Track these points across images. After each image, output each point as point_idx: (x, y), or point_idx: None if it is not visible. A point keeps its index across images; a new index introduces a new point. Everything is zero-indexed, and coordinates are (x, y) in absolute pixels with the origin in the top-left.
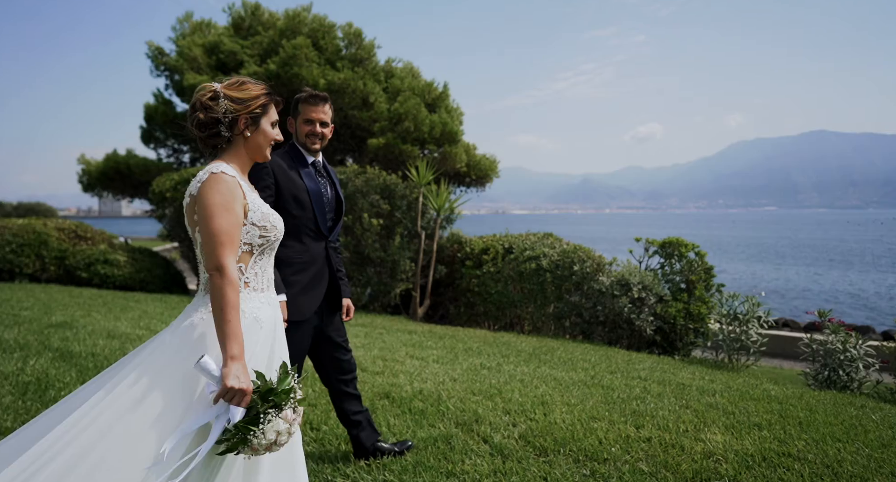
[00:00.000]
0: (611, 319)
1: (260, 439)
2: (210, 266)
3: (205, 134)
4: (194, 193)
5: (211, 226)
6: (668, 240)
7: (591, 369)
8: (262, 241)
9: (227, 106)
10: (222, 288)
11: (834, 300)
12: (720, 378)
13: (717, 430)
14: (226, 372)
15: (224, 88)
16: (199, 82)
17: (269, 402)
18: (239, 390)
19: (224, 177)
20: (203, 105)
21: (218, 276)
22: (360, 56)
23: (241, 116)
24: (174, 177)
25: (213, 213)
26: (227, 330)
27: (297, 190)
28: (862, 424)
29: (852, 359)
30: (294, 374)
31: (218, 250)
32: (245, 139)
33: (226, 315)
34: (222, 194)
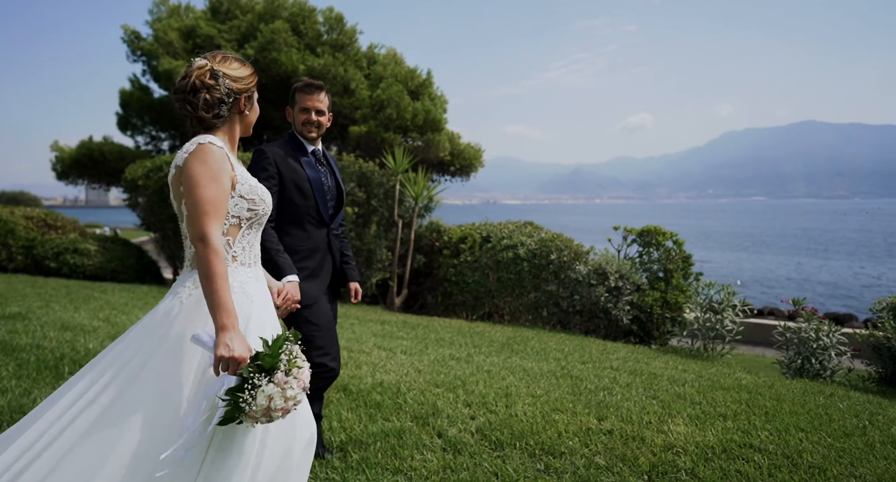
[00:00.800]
0: (588, 309)
1: (251, 405)
2: (194, 236)
3: (210, 115)
4: (180, 164)
5: (196, 194)
6: (647, 228)
7: (562, 359)
8: (251, 215)
9: (229, 85)
10: (207, 257)
11: (817, 289)
12: (693, 367)
13: (680, 421)
14: (217, 341)
15: (218, 65)
16: (175, 67)
17: (257, 367)
18: (230, 358)
19: (212, 147)
20: (205, 85)
21: (202, 246)
22: (342, 42)
23: (241, 96)
24: (147, 164)
25: (199, 182)
26: (216, 299)
27: (298, 178)
28: (827, 413)
29: (825, 347)
30: (290, 337)
31: (202, 219)
32: (241, 117)
33: (214, 284)
34: (209, 164)
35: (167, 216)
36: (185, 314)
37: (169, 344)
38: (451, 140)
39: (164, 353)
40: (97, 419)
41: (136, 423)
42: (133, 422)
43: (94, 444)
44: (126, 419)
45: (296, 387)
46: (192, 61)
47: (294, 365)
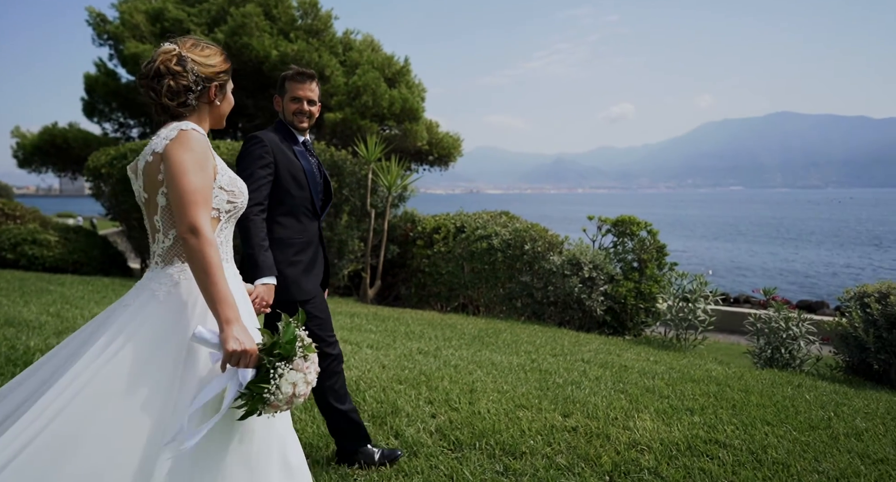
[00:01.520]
0: (562, 300)
1: (277, 395)
2: (183, 228)
3: (174, 103)
4: (159, 150)
5: (184, 183)
6: (621, 218)
7: (533, 352)
8: (230, 208)
9: (197, 72)
10: (201, 249)
11: (789, 277)
12: (665, 359)
13: (647, 416)
14: (224, 337)
15: (188, 51)
16: (142, 51)
17: (276, 356)
18: (242, 351)
19: (196, 134)
20: (171, 71)
21: (193, 238)
22: (316, 27)
23: (211, 85)
24: (111, 151)
25: (186, 169)
26: (216, 293)
27: (294, 168)
28: (794, 405)
29: (794, 337)
30: (297, 323)
31: (192, 209)
32: (211, 107)
33: (212, 277)
34: (195, 151)
35: (132, 205)
36: (171, 312)
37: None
38: (430, 129)
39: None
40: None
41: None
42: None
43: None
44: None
45: (314, 370)
46: (160, 45)
47: (309, 349)
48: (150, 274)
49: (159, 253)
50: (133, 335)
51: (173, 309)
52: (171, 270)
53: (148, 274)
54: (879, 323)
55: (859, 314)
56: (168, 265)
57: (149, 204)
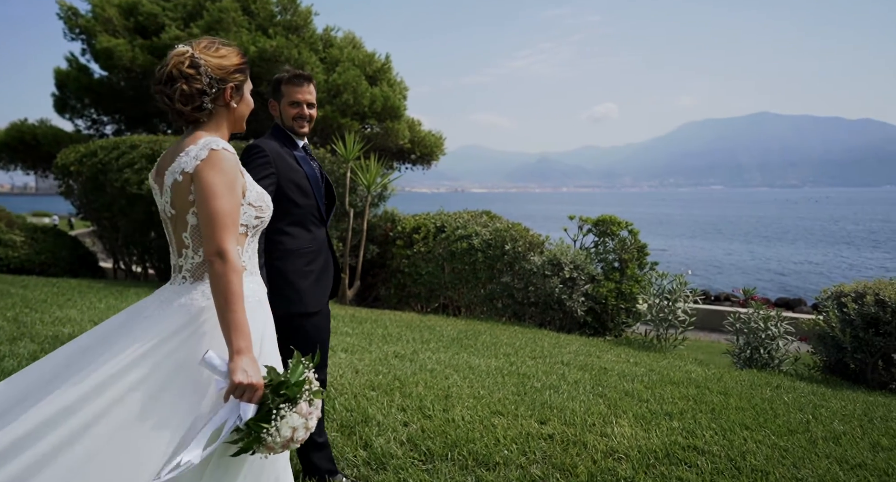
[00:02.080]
0: (542, 300)
1: (275, 437)
2: (210, 251)
3: (188, 108)
4: (189, 171)
5: (213, 207)
6: (602, 217)
7: (512, 355)
8: (257, 223)
9: (210, 74)
10: (226, 275)
11: (765, 275)
12: (645, 360)
13: (625, 422)
14: (233, 366)
15: (201, 52)
16: (115, 46)
17: (282, 397)
18: (248, 385)
19: (226, 154)
20: (183, 74)
21: (220, 263)
22: (296, 23)
23: (226, 87)
24: (80, 149)
25: (216, 193)
26: (233, 321)
27: (297, 176)
28: (772, 408)
29: (773, 337)
30: (308, 364)
31: (220, 234)
32: (229, 110)
33: (231, 305)
34: (225, 173)
35: (103, 204)
36: (199, 336)
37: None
38: (411, 127)
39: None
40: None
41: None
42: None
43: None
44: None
45: (315, 416)
46: (173, 48)
47: (316, 395)
48: (178, 288)
49: (188, 268)
50: (161, 354)
51: (205, 330)
52: (203, 285)
53: (174, 287)
54: (856, 323)
55: (836, 314)
56: (198, 281)
57: (177, 220)
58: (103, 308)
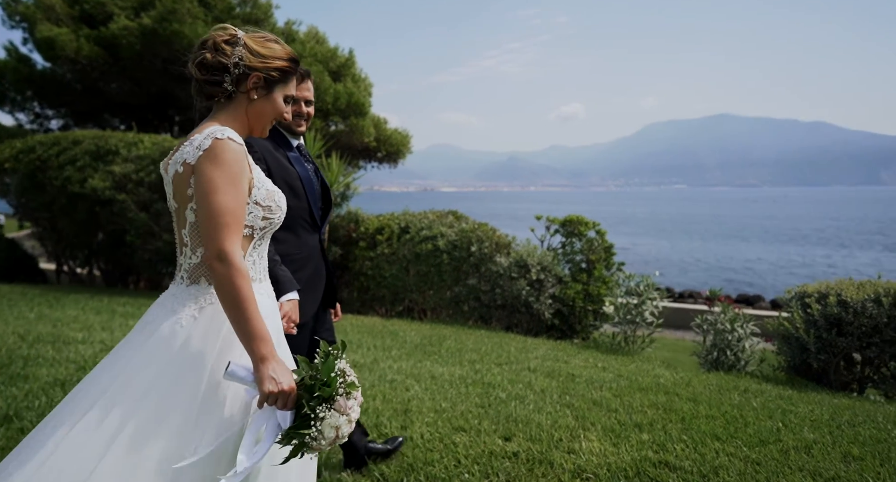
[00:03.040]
0: (509, 303)
1: (319, 440)
2: (211, 253)
3: (204, 77)
4: (191, 161)
5: (213, 203)
6: (569, 218)
7: (478, 362)
8: (265, 224)
9: (242, 54)
10: (231, 278)
11: (724, 274)
12: (613, 365)
13: (593, 436)
14: (260, 376)
15: (247, 37)
16: (57, 35)
17: (317, 399)
18: (280, 392)
19: (231, 144)
20: (215, 45)
21: (221, 265)
22: (256, 16)
23: (253, 73)
24: (16, 144)
25: (217, 187)
26: (249, 328)
27: (289, 177)
28: (742, 415)
29: (739, 338)
30: (336, 354)
31: (221, 233)
32: (249, 101)
33: (244, 311)
34: (228, 165)
35: (41, 204)
36: (194, 341)
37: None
38: (377, 125)
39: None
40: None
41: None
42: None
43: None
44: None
45: (356, 408)
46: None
47: (352, 386)
48: (174, 289)
49: (185, 268)
50: (148, 370)
51: (196, 337)
52: (197, 291)
53: (172, 288)
54: (819, 323)
55: (800, 315)
56: (193, 284)
57: (178, 215)
58: (33, 318)
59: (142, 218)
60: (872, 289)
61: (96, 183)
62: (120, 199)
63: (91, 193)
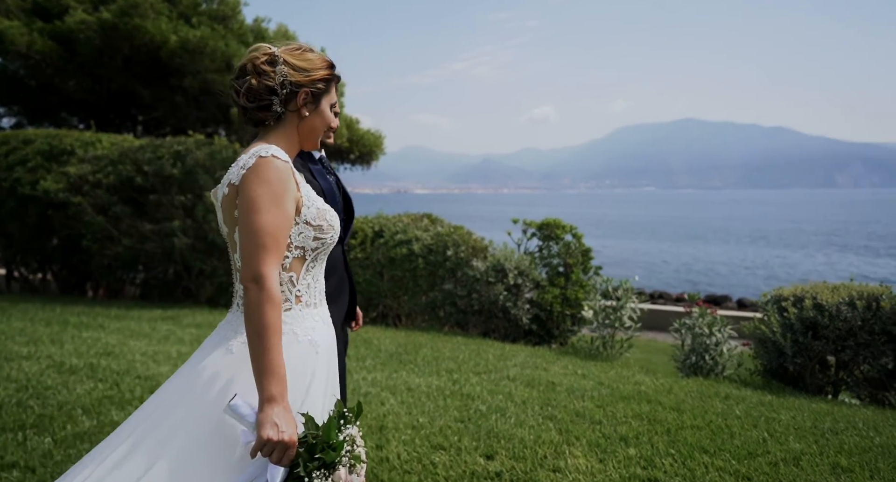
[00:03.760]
0: (486, 308)
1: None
2: (246, 275)
3: (253, 105)
4: (236, 182)
5: (254, 222)
6: (546, 221)
7: (455, 371)
8: (317, 245)
9: (286, 73)
10: (260, 305)
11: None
12: (593, 372)
13: (579, 452)
14: (262, 418)
15: (283, 53)
16: (7, 28)
17: (317, 461)
18: (279, 442)
19: (276, 162)
20: (256, 69)
21: (255, 289)
22: (223, 13)
23: (301, 90)
24: None
25: (258, 206)
26: (266, 362)
27: None
28: (727, 425)
29: (717, 343)
30: (350, 418)
31: (258, 255)
32: (300, 119)
33: (265, 341)
34: (271, 184)
35: None
36: (232, 369)
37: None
38: (350, 126)
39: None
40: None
41: None
42: None
43: None
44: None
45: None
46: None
47: (358, 459)
48: (229, 316)
49: (240, 294)
50: (179, 408)
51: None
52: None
53: (229, 315)
54: (796, 327)
55: (777, 318)
56: None
57: (229, 240)
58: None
59: (99, 221)
60: (847, 293)
61: (49, 184)
62: (75, 201)
63: (43, 195)
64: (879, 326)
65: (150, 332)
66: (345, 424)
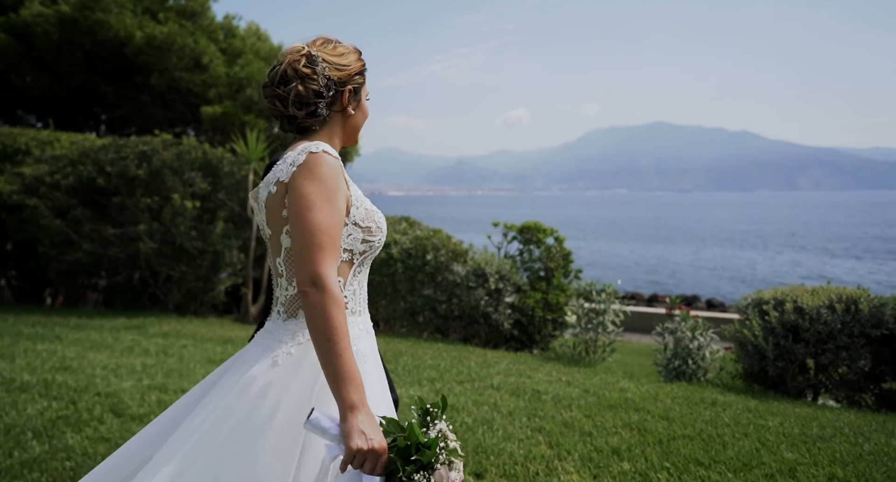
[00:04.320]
0: (467, 313)
1: None
2: (303, 278)
3: (303, 113)
4: (285, 180)
5: (309, 221)
6: (527, 224)
7: (438, 380)
8: (365, 248)
9: (328, 75)
10: (324, 308)
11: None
12: (577, 378)
13: (571, 467)
14: (347, 428)
15: (318, 50)
16: None
17: (414, 463)
18: (370, 451)
19: (328, 158)
20: (299, 73)
21: (315, 292)
22: (192, 9)
23: (344, 88)
24: None
25: (313, 203)
26: (340, 367)
27: None
28: (718, 434)
29: (700, 347)
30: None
31: (315, 255)
32: (344, 118)
33: (335, 346)
34: (325, 181)
35: None
36: (281, 381)
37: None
38: None
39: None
40: None
41: None
42: None
43: None
44: None
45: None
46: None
47: (455, 454)
48: (271, 325)
49: (282, 301)
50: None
51: (294, 379)
52: (295, 326)
53: (268, 324)
54: (777, 330)
55: (758, 322)
56: (291, 318)
57: (272, 242)
58: None
59: (57, 225)
60: (826, 296)
61: (2, 186)
62: (31, 204)
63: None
64: (858, 329)
65: (112, 343)
66: (431, 421)
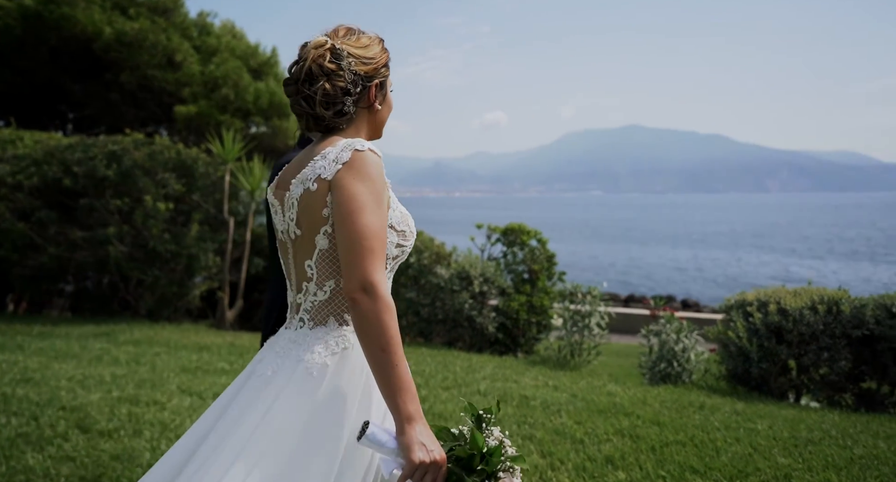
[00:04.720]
0: (451, 317)
1: None
2: (353, 284)
3: (331, 112)
4: (328, 177)
5: (360, 224)
6: (510, 226)
7: (423, 386)
8: (398, 253)
9: (354, 69)
10: (378, 316)
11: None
12: (564, 382)
13: (566, 478)
14: (406, 441)
15: (342, 42)
16: None
17: (479, 473)
18: (432, 464)
19: (374, 158)
20: (325, 70)
21: (368, 299)
22: (164, 5)
23: (371, 83)
24: None
25: (364, 205)
26: (396, 378)
27: None
28: (711, 439)
29: (685, 349)
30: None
31: (367, 260)
32: (371, 113)
33: (391, 356)
34: (374, 181)
35: None
36: (323, 399)
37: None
38: None
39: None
40: None
41: None
42: None
43: None
44: None
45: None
46: (307, 42)
47: (518, 461)
48: (293, 334)
49: (307, 307)
50: (275, 431)
51: (331, 391)
52: (325, 333)
53: (288, 334)
54: (761, 332)
55: (743, 323)
56: (319, 325)
57: (300, 243)
58: None
59: (20, 228)
60: (808, 297)
61: None
62: None
63: None
64: (840, 330)
65: (79, 352)
66: (486, 427)
